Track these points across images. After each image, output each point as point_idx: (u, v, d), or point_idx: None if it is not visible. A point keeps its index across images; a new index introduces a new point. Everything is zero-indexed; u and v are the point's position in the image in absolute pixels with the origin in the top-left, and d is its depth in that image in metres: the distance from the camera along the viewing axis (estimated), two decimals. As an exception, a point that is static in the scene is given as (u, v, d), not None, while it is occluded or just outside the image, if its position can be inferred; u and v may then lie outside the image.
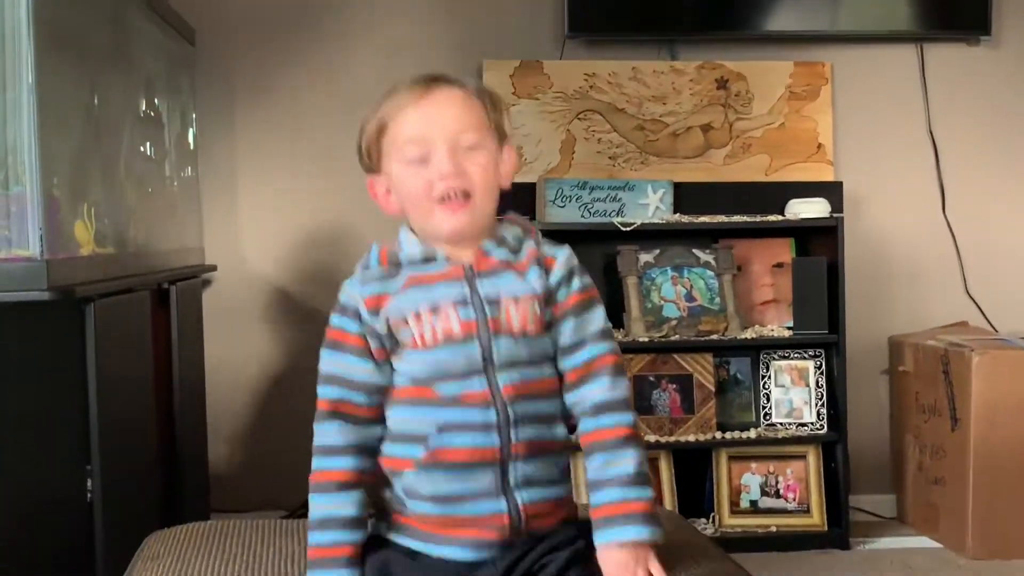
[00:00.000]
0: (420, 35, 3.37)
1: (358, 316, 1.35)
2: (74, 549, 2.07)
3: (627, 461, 1.31)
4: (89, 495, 2.07)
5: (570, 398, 1.35)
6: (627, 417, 1.34)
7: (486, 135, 1.36)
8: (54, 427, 2.12)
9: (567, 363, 1.35)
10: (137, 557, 1.65)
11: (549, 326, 1.35)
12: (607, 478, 1.31)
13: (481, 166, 1.34)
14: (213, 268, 3.28)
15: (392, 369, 1.36)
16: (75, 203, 2.11)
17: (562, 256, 1.38)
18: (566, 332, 1.35)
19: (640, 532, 1.29)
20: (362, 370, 1.36)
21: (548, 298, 1.35)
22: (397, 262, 1.37)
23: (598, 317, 1.38)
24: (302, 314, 3.37)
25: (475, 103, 1.36)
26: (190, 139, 3.17)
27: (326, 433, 1.42)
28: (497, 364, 1.31)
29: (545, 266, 1.37)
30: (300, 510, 3.30)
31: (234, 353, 3.34)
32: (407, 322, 1.32)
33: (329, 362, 1.39)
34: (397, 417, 1.36)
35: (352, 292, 1.36)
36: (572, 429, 1.37)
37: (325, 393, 1.40)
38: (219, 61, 3.34)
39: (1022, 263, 3.53)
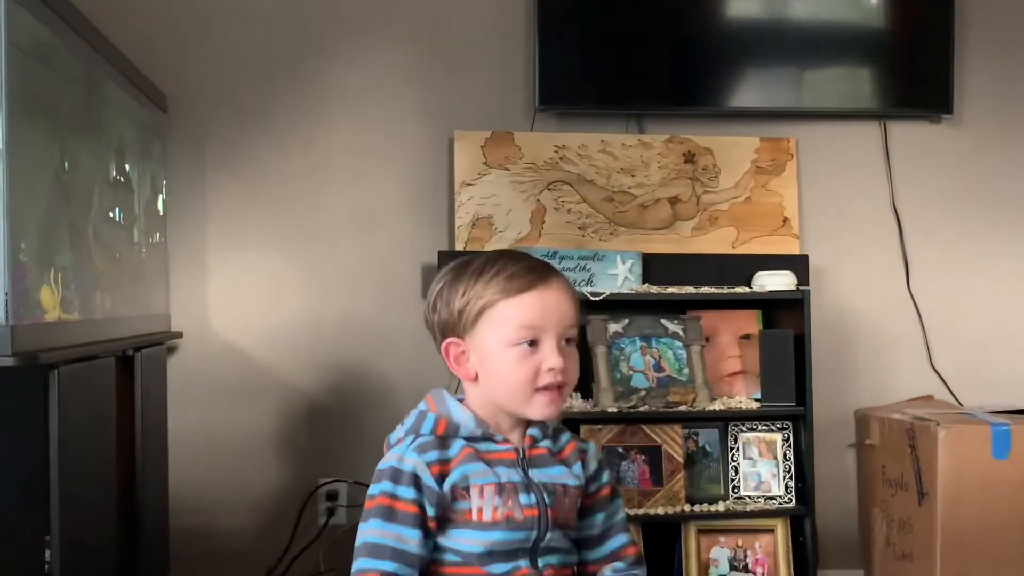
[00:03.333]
0: (393, 106, 3.40)
1: (416, 483, 1.32)
2: (29, 623, 2.02)
3: None
4: (47, 566, 2.02)
5: None
6: None
7: (578, 331, 1.43)
8: (13, 495, 2.07)
9: (593, 554, 1.43)
10: (95, 631, 1.60)
11: (579, 515, 1.42)
12: None
13: (576, 362, 1.41)
14: (179, 335, 3.25)
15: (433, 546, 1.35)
16: (42, 268, 2.09)
17: (592, 449, 1.47)
18: (596, 523, 1.44)
19: None
20: (416, 542, 1.32)
21: (585, 490, 1.44)
22: (454, 434, 1.37)
23: (620, 508, 1.47)
24: (268, 384, 3.34)
25: (576, 301, 1.43)
26: (160, 205, 3.16)
27: None
28: (541, 548, 1.35)
29: (581, 459, 1.44)
30: (262, 582, 3.24)
31: (198, 421, 3.29)
32: (468, 492, 1.33)
33: (379, 532, 1.32)
34: None
35: (411, 458, 1.34)
36: None
37: (374, 567, 1.31)
38: (191, 128, 3.34)
39: (985, 337, 3.57)
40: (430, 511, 1.32)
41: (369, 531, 1.32)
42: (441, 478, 1.32)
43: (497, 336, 1.37)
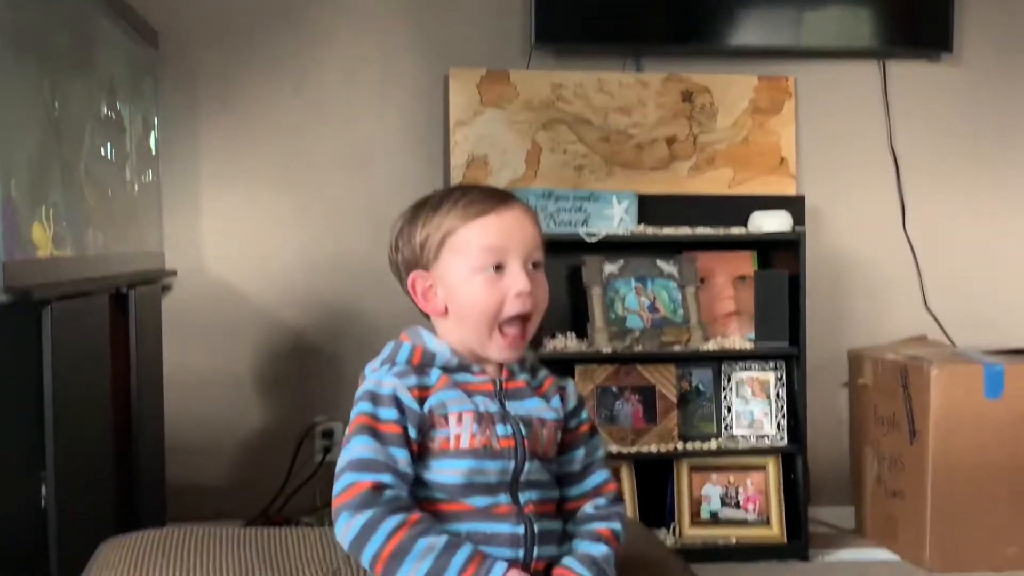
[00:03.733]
0: (386, 43, 3.37)
1: (397, 404, 1.30)
2: (27, 556, 2.03)
3: (601, 544, 1.36)
4: (43, 501, 2.04)
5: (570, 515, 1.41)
6: (617, 525, 1.40)
7: (543, 257, 1.40)
8: (8, 431, 2.08)
9: (574, 490, 1.42)
10: (91, 564, 1.62)
11: (558, 450, 1.40)
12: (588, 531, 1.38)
13: (543, 288, 1.38)
14: (173, 273, 3.25)
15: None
16: (33, 205, 2.08)
17: (571, 386, 1.45)
18: (577, 459, 1.42)
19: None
20: (405, 462, 1.29)
21: (564, 425, 1.41)
22: (430, 363, 1.35)
23: (600, 445, 1.46)
24: (263, 323, 3.34)
25: (538, 225, 1.40)
26: (152, 143, 3.14)
27: (375, 513, 1.25)
28: (521, 483, 1.33)
29: (560, 394, 1.42)
30: (259, 519, 3.27)
31: (193, 360, 3.30)
32: (447, 420, 1.31)
33: (367, 448, 1.28)
34: None
35: (389, 381, 1.32)
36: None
37: (368, 477, 1.26)
38: (183, 65, 3.31)
39: (980, 277, 3.58)
40: (412, 433, 1.29)
41: (357, 447, 1.28)
42: (421, 401, 1.31)
43: (461, 264, 1.35)
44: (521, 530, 1.31)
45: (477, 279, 1.34)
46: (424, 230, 1.38)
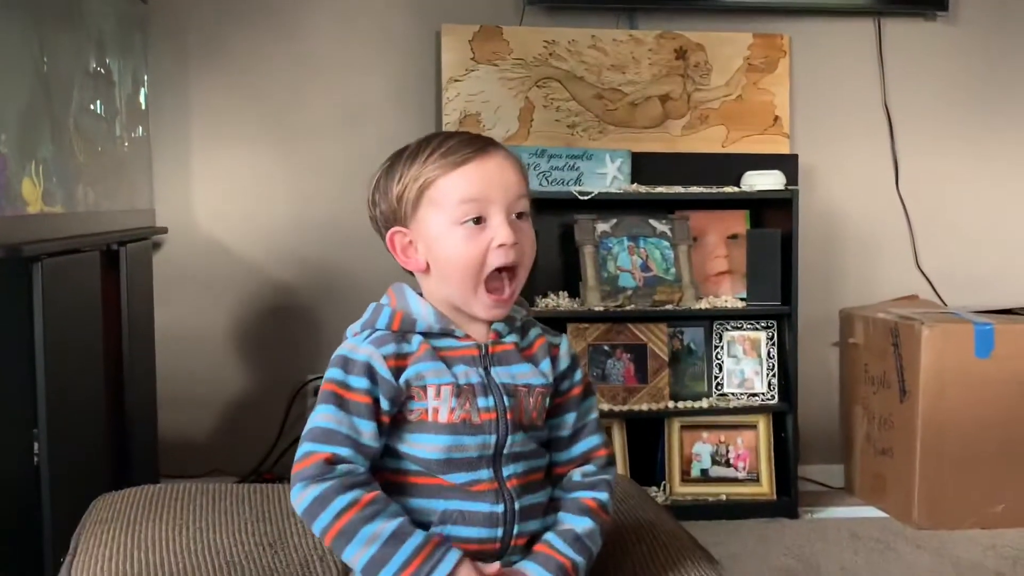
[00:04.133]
0: (378, -2, 3.34)
1: (370, 373, 1.23)
2: (20, 512, 2.04)
3: (586, 518, 1.30)
4: (36, 458, 2.04)
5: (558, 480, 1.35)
6: (604, 495, 1.33)
7: (529, 207, 1.31)
8: None
9: (562, 455, 1.35)
10: (85, 521, 1.62)
11: (548, 414, 1.34)
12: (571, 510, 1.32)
13: (530, 238, 1.30)
14: (164, 231, 3.23)
15: (386, 451, 1.26)
16: (23, 160, 2.06)
17: (565, 345, 1.37)
18: (567, 424, 1.35)
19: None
20: (370, 434, 1.23)
21: (554, 389, 1.34)
22: (411, 328, 1.27)
23: (594, 407, 1.38)
24: (254, 280, 3.34)
25: (523, 172, 1.31)
26: (142, 99, 3.11)
27: (327, 488, 1.20)
28: (504, 456, 1.27)
29: (551, 354, 1.34)
30: (251, 476, 3.28)
31: (185, 317, 3.30)
32: (425, 391, 1.24)
33: (330, 418, 1.22)
34: (400, 505, 1.25)
35: (364, 348, 1.25)
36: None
37: (325, 449, 1.21)
38: (172, 21, 3.27)
39: (972, 238, 3.58)
40: (384, 405, 1.23)
41: (319, 416, 1.23)
42: (397, 372, 1.23)
43: (441, 217, 1.26)
44: (500, 509, 1.25)
45: (457, 232, 1.26)
46: (401, 183, 1.29)
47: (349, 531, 1.19)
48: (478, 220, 1.26)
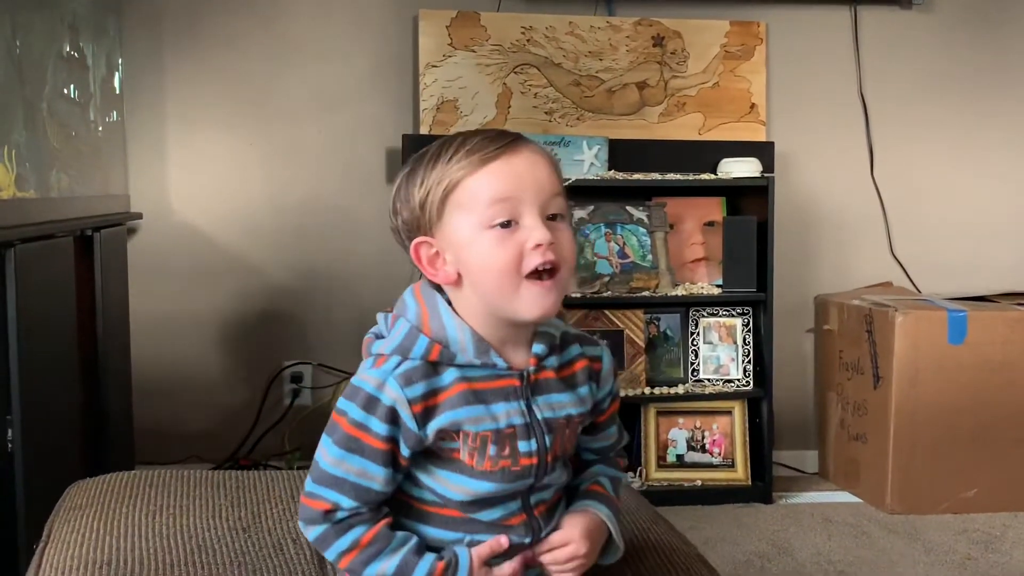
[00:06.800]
0: (355, -17, 3.32)
1: (393, 418, 1.13)
2: (-7, 499, 2.03)
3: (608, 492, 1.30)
4: (9, 444, 2.03)
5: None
6: (619, 473, 1.34)
7: (566, 206, 1.19)
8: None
9: (586, 453, 1.33)
10: (59, 507, 1.62)
11: (586, 431, 1.29)
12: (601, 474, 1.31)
13: (571, 240, 1.18)
14: (139, 216, 3.21)
15: (408, 476, 1.19)
16: (-6, 145, 2.04)
17: (607, 361, 1.29)
18: (609, 436, 1.33)
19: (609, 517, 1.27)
20: (381, 480, 1.15)
21: (594, 409, 1.28)
22: (448, 361, 1.16)
23: (617, 410, 1.34)
24: (230, 266, 3.32)
25: (556, 169, 1.20)
26: (116, 83, 3.09)
27: (325, 530, 1.17)
28: (535, 487, 1.21)
29: (592, 375, 1.27)
30: (228, 463, 3.27)
31: (160, 303, 3.28)
32: (457, 437, 1.15)
33: (340, 464, 1.15)
34: (419, 532, 1.20)
35: (392, 390, 1.13)
36: None
37: (330, 496, 1.16)
38: (147, 4, 3.25)
39: (946, 225, 3.61)
40: (404, 451, 1.15)
41: (329, 459, 1.15)
42: (425, 416, 1.14)
43: (468, 221, 1.14)
44: (528, 540, 1.21)
45: (487, 236, 1.14)
46: (424, 187, 1.17)
47: (354, 570, 1.16)
48: (507, 224, 1.14)
